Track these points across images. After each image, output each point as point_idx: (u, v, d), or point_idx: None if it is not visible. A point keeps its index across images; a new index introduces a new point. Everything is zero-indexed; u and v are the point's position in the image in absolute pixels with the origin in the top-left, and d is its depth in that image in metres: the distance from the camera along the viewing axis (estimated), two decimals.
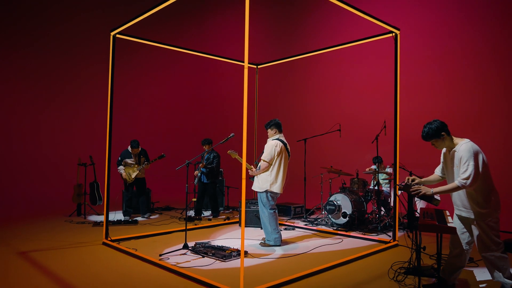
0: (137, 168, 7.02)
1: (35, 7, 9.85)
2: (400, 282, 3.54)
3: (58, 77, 10.13)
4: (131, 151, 7.05)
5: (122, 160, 7.05)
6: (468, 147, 3.05)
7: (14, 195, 8.90)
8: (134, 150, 7.04)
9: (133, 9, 10.79)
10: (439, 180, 3.44)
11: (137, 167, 7.03)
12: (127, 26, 5.07)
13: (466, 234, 3.25)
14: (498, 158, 6.47)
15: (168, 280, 3.65)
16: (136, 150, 7.06)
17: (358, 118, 8.29)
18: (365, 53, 8.26)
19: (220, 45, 11.29)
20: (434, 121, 3.23)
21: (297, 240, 5.50)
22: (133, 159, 7.07)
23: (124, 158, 7.05)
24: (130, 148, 7.05)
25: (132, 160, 7.06)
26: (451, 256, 3.35)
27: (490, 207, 3.06)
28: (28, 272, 3.88)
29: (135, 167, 7.04)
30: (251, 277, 3.65)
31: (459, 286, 3.51)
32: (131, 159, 7.06)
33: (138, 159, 7.13)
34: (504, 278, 3.08)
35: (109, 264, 4.20)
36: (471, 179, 2.96)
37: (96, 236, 5.61)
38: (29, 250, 4.73)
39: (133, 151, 7.04)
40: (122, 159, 7.05)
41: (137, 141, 7.08)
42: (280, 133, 5.27)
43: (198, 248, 4.70)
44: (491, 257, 3.08)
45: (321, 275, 3.87)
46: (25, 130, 9.62)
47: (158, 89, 11.60)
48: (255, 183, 5.23)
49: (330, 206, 6.50)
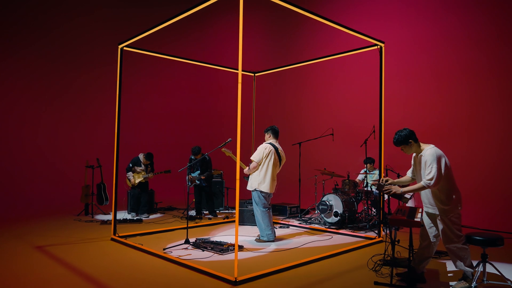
0: (142, 176, 7.52)
1: (48, 18, 10.36)
2: (377, 272, 3.99)
3: (69, 87, 10.68)
4: (143, 161, 7.55)
5: (132, 167, 7.55)
6: (432, 152, 3.50)
7: (26, 195, 9.38)
8: (146, 161, 7.58)
9: (135, 18, 11.35)
10: (410, 181, 3.89)
11: (143, 175, 7.53)
12: (133, 39, 5.54)
13: (433, 228, 3.70)
14: (483, 162, 6.93)
15: (171, 270, 4.11)
16: (148, 162, 7.62)
17: (349, 124, 8.72)
18: (356, 62, 8.71)
19: (223, 55, 11.77)
20: (404, 129, 3.68)
21: (290, 237, 5.95)
22: (142, 167, 7.63)
23: (134, 165, 7.57)
24: (143, 158, 7.55)
25: (141, 168, 7.64)
26: (420, 247, 3.80)
27: (452, 204, 3.51)
28: (48, 263, 4.35)
29: (141, 174, 7.54)
30: (245, 267, 4.10)
31: (432, 276, 3.95)
32: (140, 167, 7.60)
33: (146, 168, 7.73)
34: (465, 266, 3.52)
35: (118, 257, 4.67)
36: (434, 179, 3.41)
37: (104, 233, 6.07)
38: (45, 245, 5.19)
39: (145, 162, 7.57)
40: (133, 165, 7.56)
41: (152, 155, 7.64)
42: (275, 139, 5.72)
43: (199, 243, 5.16)
44: (453, 248, 3.52)
45: (309, 266, 4.32)
46: (38, 134, 10.15)
47: (161, 95, 12.08)
48: (248, 182, 5.69)
49: (322, 206, 6.94)
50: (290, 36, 10.34)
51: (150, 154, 7.67)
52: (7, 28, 9.85)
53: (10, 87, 9.84)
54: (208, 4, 4.29)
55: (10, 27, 9.89)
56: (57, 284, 3.64)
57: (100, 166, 8.12)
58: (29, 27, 10.19)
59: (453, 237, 3.51)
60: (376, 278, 3.79)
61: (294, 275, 3.98)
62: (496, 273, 3.65)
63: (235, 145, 3.91)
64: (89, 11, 10.98)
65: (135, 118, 11.22)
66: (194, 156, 7.74)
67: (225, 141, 5.46)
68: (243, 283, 3.67)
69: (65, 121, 10.50)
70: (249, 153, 8.29)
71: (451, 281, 3.72)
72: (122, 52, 5.79)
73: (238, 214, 3.83)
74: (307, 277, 3.91)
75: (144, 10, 11.86)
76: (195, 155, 7.73)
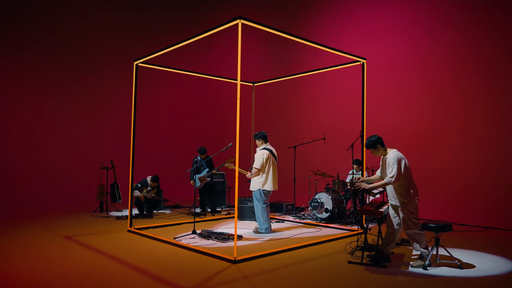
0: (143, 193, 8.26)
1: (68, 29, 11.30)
2: (352, 255, 4.81)
3: (86, 95, 11.72)
4: (150, 184, 8.33)
5: (141, 187, 8.28)
6: (394, 155, 4.32)
7: (47, 193, 10.31)
8: (153, 184, 8.37)
9: (146, 27, 12.29)
10: (379, 179, 4.70)
11: (145, 192, 8.28)
12: (147, 56, 6.39)
13: (397, 217, 4.51)
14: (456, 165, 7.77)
15: (181, 253, 4.95)
16: (155, 184, 8.40)
17: (339, 129, 9.55)
18: (344, 75, 9.53)
19: (225, 67, 12.66)
20: (373, 136, 4.50)
21: (284, 230, 6.77)
22: (149, 189, 8.39)
23: (142, 185, 8.31)
24: (150, 181, 8.33)
25: (148, 189, 8.36)
26: (386, 233, 4.62)
27: (410, 198, 4.33)
28: (79, 248, 5.20)
29: (144, 192, 8.29)
30: (243, 251, 4.92)
31: (398, 258, 4.76)
32: (147, 188, 8.37)
33: (152, 189, 8.46)
34: (421, 248, 4.34)
35: (136, 244, 5.51)
36: (394, 177, 4.23)
37: (121, 226, 6.92)
38: (72, 235, 6.04)
39: (152, 184, 8.37)
40: (141, 186, 8.31)
41: (158, 178, 8.47)
42: (266, 142, 6.55)
43: (204, 234, 5.99)
44: (411, 233, 4.34)
45: (297, 250, 5.15)
46: (58, 139, 11.27)
47: (171, 104, 13.03)
48: (251, 184, 6.51)
49: (314, 203, 7.76)
50: (286, 50, 11.19)
51: (156, 177, 8.49)
52: (35, 39, 10.82)
53: (41, 99, 11.05)
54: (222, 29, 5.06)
55: (33, 37, 10.85)
56: (90, 263, 4.49)
57: (114, 167, 8.96)
58: (52, 40, 11.14)
59: (411, 224, 4.32)
60: (350, 259, 4.61)
61: (284, 257, 4.81)
62: (447, 254, 4.46)
63: (240, 152, 4.73)
64: (101, 19, 11.96)
65: (141, 124, 12.19)
66: (201, 155, 8.54)
67: (227, 146, 6.29)
68: (241, 262, 4.50)
69: (82, 127, 11.55)
70: (248, 157, 9.11)
71: (411, 262, 4.52)
72: (137, 68, 6.65)
73: (237, 205, 4.66)
74: (295, 258, 4.74)
75: (153, 17, 12.81)
76: (202, 154, 8.53)
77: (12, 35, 10.84)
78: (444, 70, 8.14)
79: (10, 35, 10.82)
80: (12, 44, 10.84)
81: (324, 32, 10.27)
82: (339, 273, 4.14)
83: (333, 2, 10.31)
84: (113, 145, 11.40)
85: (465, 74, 7.84)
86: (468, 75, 7.81)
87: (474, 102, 7.71)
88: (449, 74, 8.06)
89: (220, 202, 9.52)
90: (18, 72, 10.91)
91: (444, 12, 8.17)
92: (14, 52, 10.87)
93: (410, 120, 8.60)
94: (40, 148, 10.99)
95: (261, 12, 11.88)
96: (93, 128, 11.74)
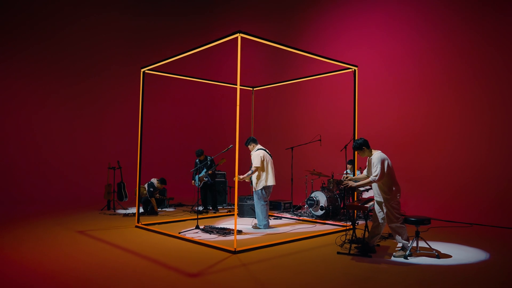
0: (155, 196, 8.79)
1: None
2: (342, 247, 5.28)
3: (93, 98, 12.22)
4: (157, 186, 8.85)
5: (153, 191, 8.79)
6: (378, 156, 4.80)
7: (56, 192, 10.79)
8: (160, 186, 8.94)
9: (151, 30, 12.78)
10: (366, 177, 5.17)
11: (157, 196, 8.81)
12: (154, 64, 6.88)
13: (381, 213, 4.98)
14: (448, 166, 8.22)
15: (186, 245, 5.43)
16: (162, 186, 9.00)
17: (335, 131, 10.01)
18: (338, 81, 10.00)
19: (226, 72, 13.16)
20: (360, 139, 4.97)
21: (281, 226, 7.25)
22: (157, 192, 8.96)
23: (154, 190, 8.82)
24: (158, 183, 8.85)
25: (156, 192, 8.91)
26: (372, 227, 5.09)
27: (392, 194, 4.80)
28: (92, 241, 5.68)
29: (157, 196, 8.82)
30: (242, 244, 5.40)
31: (383, 249, 5.23)
32: (157, 191, 8.91)
33: (160, 191, 9.05)
34: (403, 240, 4.81)
35: (144, 238, 5.99)
36: (378, 176, 4.70)
37: (128, 222, 7.40)
38: (84, 230, 6.52)
39: (160, 186, 8.93)
40: (153, 190, 8.81)
41: (165, 180, 9.05)
42: (257, 144, 7.04)
43: (206, 229, 6.47)
44: (394, 226, 4.81)
45: (292, 243, 5.62)
46: (67, 140, 11.78)
47: (174, 107, 13.52)
48: (254, 183, 6.98)
49: (310, 201, 8.23)
50: (284, 56, 11.67)
51: (164, 179, 9.02)
52: (44, 43, 11.31)
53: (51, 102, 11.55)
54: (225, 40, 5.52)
55: (42, 42, 11.35)
56: (103, 254, 4.97)
57: (120, 167, 9.44)
58: (61, 47, 11.64)
59: (393, 218, 4.80)
60: (340, 250, 5.08)
61: (279, 248, 5.28)
62: (426, 246, 4.93)
63: (237, 153, 5.21)
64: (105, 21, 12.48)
65: (145, 127, 12.69)
66: (198, 157, 8.99)
67: (227, 147, 6.76)
68: (241, 252, 4.97)
69: (90, 130, 12.07)
70: (247, 157, 9.59)
71: (394, 252, 4.99)
72: (144, 75, 7.13)
73: (237, 202, 5.13)
74: (289, 250, 5.21)
75: (155, 19, 13.33)
76: (198, 156, 8.98)
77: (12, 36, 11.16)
78: (438, 71, 8.51)
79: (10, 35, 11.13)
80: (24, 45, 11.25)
81: (321, 36, 10.75)
82: (328, 261, 4.62)
83: (329, 7, 10.79)
84: (118, 146, 11.91)
85: (459, 75, 8.21)
86: (461, 76, 8.17)
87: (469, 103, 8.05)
88: (443, 75, 8.42)
89: (221, 201, 9.99)
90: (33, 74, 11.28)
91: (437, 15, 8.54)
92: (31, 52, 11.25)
93: (405, 121, 8.98)
94: (50, 150, 11.43)
95: (261, 12, 12.43)
96: (98, 130, 12.19)
